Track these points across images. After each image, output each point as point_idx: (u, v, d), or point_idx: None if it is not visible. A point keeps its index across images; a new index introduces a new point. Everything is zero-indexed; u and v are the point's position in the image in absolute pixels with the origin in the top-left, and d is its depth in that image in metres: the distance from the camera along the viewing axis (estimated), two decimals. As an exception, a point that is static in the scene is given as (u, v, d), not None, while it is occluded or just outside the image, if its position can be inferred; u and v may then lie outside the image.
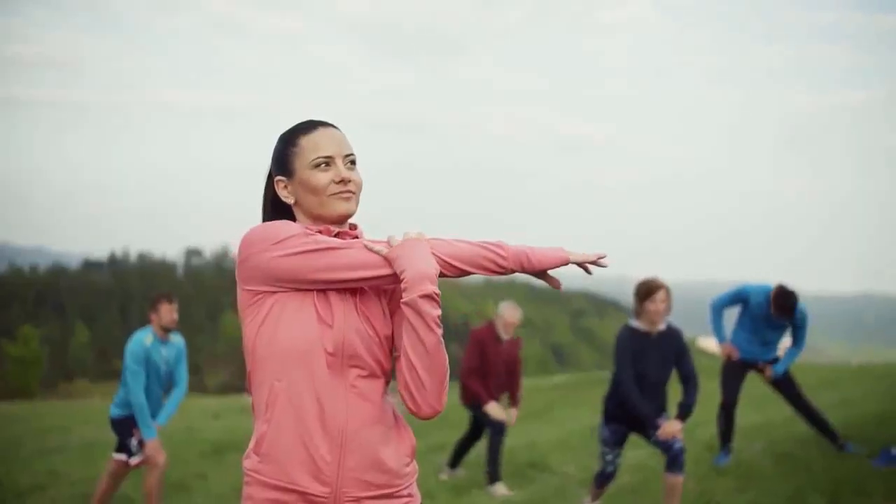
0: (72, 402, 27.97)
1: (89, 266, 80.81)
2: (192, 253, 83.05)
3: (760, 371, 6.88)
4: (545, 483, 7.21)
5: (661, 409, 5.32)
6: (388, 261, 2.02)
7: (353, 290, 2.06)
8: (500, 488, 6.90)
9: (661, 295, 5.20)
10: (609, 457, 5.49)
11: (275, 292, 2.03)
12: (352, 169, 2.12)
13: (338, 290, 2.05)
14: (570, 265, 2.16)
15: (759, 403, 9.45)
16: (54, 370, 55.18)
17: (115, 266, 79.73)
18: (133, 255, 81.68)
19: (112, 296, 71.87)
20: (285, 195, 2.14)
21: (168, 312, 5.99)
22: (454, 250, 2.05)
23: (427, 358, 1.99)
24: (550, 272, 2.14)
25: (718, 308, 6.90)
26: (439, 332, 2.00)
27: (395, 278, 2.02)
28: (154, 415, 6.03)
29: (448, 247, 2.06)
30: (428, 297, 1.97)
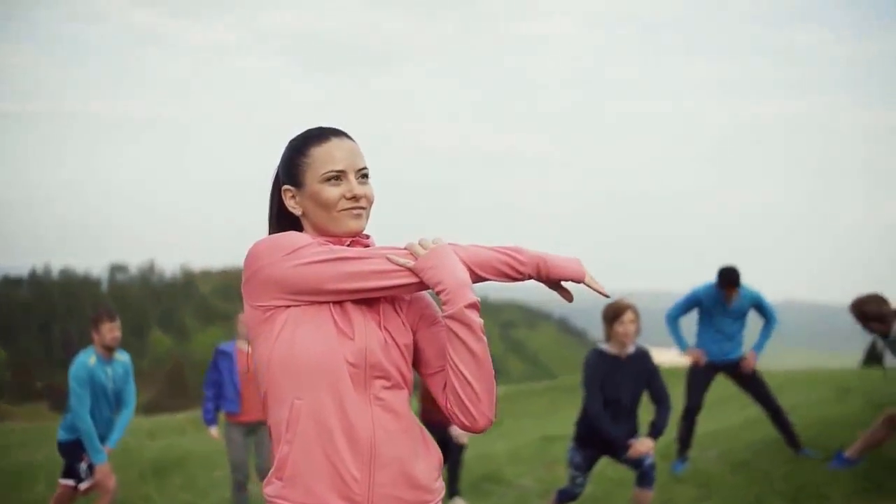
0: (-6, 424, 26.96)
1: (8, 283, 78.27)
2: (116, 268, 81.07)
3: (731, 372, 6.94)
4: (503, 496, 7.14)
5: (633, 433, 5.26)
6: (414, 272, 1.93)
7: (369, 300, 1.98)
8: (459, 502, 6.82)
9: (628, 316, 5.13)
10: (579, 479, 5.41)
11: (288, 306, 1.92)
12: (364, 183, 2.04)
13: (355, 301, 1.96)
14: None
15: (710, 410, 9.50)
16: (-28, 391, 53.24)
17: (36, 282, 77.38)
18: (55, 271, 79.34)
19: (33, 313, 69.72)
20: (293, 206, 2.06)
21: (110, 331, 5.75)
22: (474, 256, 1.99)
23: (478, 367, 1.94)
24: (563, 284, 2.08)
25: (674, 317, 6.95)
26: (485, 339, 1.94)
27: (418, 286, 1.96)
28: (103, 437, 5.80)
29: (467, 252, 1.99)
30: (472, 306, 1.91)
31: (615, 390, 5.17)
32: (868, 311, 5.63)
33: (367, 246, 2.06)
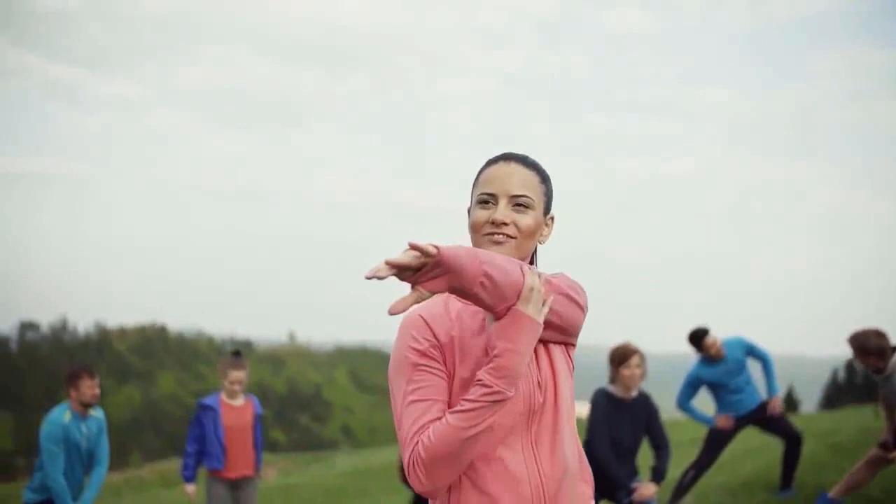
0: None
1: None
2: (27, 326, 77.97)
3: (755, 419, 7.04)
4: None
5: (633, 474, 5.27)
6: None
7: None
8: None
9: (635, 360, 5.20)
10: None
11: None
12: (520, 211, 1.90)
13: None
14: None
15: (678, 457, 9.57)
16: None
17: (-60, 342, 73.94)
18: (-40, 330, 75.92)
19: (-64, 374, 66.48)
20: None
21: (90, 388, 5.53)
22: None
23: None
24: None
25: (686, 403, 7.10)
26: None
27: None
28: (75, 497, 5.53)
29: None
30: None
31: (618, 432, 5.19)
32: (870, 344, 5.55)
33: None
